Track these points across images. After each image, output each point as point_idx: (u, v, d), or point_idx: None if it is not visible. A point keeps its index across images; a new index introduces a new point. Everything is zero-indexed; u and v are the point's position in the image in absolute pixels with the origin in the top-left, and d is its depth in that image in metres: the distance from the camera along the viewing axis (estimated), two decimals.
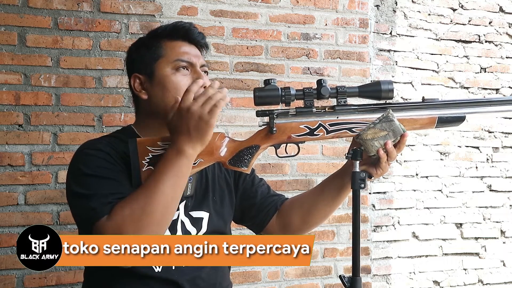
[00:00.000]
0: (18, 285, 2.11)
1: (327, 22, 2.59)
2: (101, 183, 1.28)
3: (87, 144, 1.39)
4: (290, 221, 1.56)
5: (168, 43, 1.43)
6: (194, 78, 1.39)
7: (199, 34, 1.46)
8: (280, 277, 2.50)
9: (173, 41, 1.43)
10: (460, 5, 2.96)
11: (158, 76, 1.40)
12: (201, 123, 1.22)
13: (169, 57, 1.40)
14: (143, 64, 1.43)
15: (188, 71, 1.41)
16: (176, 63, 1.40)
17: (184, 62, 1.40)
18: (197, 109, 1.22)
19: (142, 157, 1.30)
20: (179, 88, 1.37)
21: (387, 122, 1.33)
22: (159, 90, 1.40)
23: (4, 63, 2.13)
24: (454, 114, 1.36)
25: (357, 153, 1.35)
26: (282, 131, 1.35)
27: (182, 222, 1.42)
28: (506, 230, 3.00)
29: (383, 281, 2.77)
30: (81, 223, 1.33)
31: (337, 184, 1.49)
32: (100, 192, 1.26)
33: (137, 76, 1.43)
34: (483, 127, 2.98)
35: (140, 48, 1.46)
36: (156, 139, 1.33)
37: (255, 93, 1.32)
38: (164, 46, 1.42)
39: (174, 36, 1.43)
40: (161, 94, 1.39)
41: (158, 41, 1.43)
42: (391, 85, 1.33)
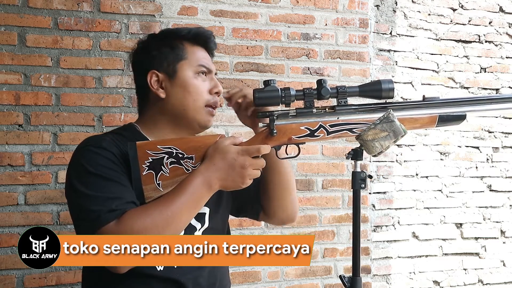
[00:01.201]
0: (18, 285, 2.11)
1: (327, 22, 2.59)
2: (104, 184, 1.27)
3: (91, 141, 1.37)
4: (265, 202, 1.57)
5: (190, 47, 1.45)
6: (211, 84, 1.44)
7: (215, 44, 1.51)
8: (280, 277, 2.50)
9: (194, 45, 1.46)
10: (460, 5, 2.96)
11: (180, 77, 1.42)
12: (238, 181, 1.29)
13: (192, 61, 1.43)
14: (165, 63, 1.43)
15: (206, 77, 1.44)
16: (198, 67, 1.43)
17: (205, 68, 1.44)
18: (249, 170, 1.28)
19: (142, 161, 1.30)
20: (199, 92, 1.41)
21: (387, 122, 1.33)
22: (179, 91, 1.41)
23: (4, 63, 2.13)
24: (455, 112, 1.36)
25: (358, 153, 1.35)
26: (283, 133, 1.35)
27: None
28: (506, 230, 3.00)
29: (383, 281, 2.77)
30: (79, 222, 1.32)
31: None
32: (103, 195, 1.25)
33: (155, 73, 1.42)
34: (483, 127, 2.98)
35: (162, 46, 1.45)
36: (156, 142, 1.33)
37: (255, 95, 1.33)
38: (187, 49, 1.44)
39: (196, 41, 1.46)
40: (181, 95, 1.41)
41: (181, 42, 1.45)
42: (391, 84, 1.33)
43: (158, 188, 1.31)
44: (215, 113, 1.45)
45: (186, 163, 1.32)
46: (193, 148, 1.33)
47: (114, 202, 1.24)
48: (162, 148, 1.31)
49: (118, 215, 1.23)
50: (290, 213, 1.60)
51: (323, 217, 2.57)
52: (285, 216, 1.60)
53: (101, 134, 1.44)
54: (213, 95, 1.43)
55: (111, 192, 1.26)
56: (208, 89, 1.43)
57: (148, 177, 1.29)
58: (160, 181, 1.31)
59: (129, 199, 1.27)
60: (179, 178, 1.32)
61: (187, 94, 1.41)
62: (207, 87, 1.43)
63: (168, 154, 1.31)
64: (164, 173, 1.31)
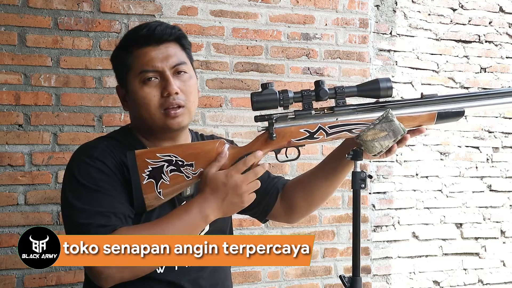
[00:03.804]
0: (18, 285, 2.11)
1: (327, 22, 2.59)
2: (95, 197, 1.26)
3: (83, 150, 1.36)
4: (294, 203, 1.55)
5: (135, 51, 1.36)
6: (161, 87, 1.34)
7: (164, 30, 1.36)
8: (280, 277, 2.50)
9: (140, 48, 1.36)
10: (460, 5, 2.96)
11: (130, 91, 1.38)
12: (237, 202, 1.27)
13: (136, 69, 1.35)
14: (119, 78, 1.43)
15: (157, 79, 1.35)
16: (141, 75, 1.35)
17: (149, 73, 1.34)
18: (243, 188, 1.26)
19: (141, 170, 1.29)
20: (147, 101, 1.34)
21: (387, 122, 1.33)
22: (133, 104, 1.38)
23: (4, 63, 2.13)
24: (453, 109, 1.35)
25: (358, 153, 1.35)
26: (282, 136, 1.34)
27: None
28: (506, 230, 3.00)
29: (383, 281, 2.77)
30: (68, 232, 1.32)
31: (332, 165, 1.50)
32: (93, 208, 1.25)
33: (119, 89, 1.44)
34: (483, 127, 2.98)
35: (114, 60, 1.44)
36: (155, 150, 1.32)
37: (253, 98, 1.30)
38: (131, 56, 1.37)
39: (139, 43, 1.36)
40: (136, 108, 1.38)
41: (127, 51, 1.38)
42: (389, 83, 1.32)
43: (159, 196, 1.30)
44: (180, 112, 1.35)
45: (186, 170, 1.31)
46: (192, 155, 1.32)
47: (103, 218, 1.24)
48: (161, 156, 1.30)
49: (107, 232, 1.22)
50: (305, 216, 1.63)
51: (323, 217, 2.57)
52: (300, 218, 1.62)
53: (96, 140, 1.42)
54: (166, 97, 1.34)
55: (101, 205, 1.25)
56: (158, 93, 1.34)
57: (148, 186, 1.29)
58: (161, 190, 1.30)
59: (119, 212, 1.26)
60: (179, 185, 1.32)
61: (138, 106, 1.36)
62: (157, 92, 1.34)
63: (167, 162, 1.30)
64: (165, 181, 1.30)
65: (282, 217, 1.60)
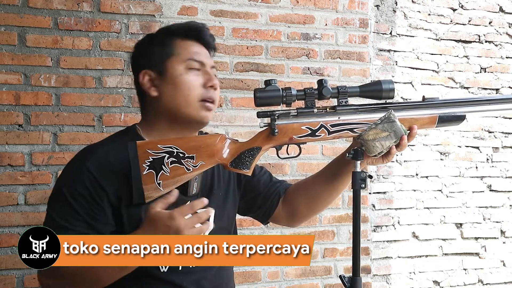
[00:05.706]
0: (18, 285, 2.11)
1: (327, 22, 2.59)
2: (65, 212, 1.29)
3: (81, 157, 1.37)
4: (296, 208, 1.56)
5: (180, 42, 1.42)
6: (205, 78, 1.40)
7: (210, 36, 1.47)
8: (280, 277, 2.50)
9: (185, 40, 1.43)
10: (460, 5, 2.96)
11: (170, 74, 1.39)
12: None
13: (182, 56, 1.40)
14: (154, 61, 1.42)
15: (199, 71, 1.40)
16: (188, 62, 1.39)
17: (196, 62, 1.40)
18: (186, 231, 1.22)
19: (142, 161, 1.29)
20: (191, 87, 1.38)
21: (388, 123, 1.33)
22: (170, 88, 1.39)
23: (4, 63, 2.13)
24: (455, 113, 1.36)
25: (358, 153, 1.35)
26: (284, 133, 1.35)
27: None
28: (506, 230, 3.00)
29: (383, 281, 2.77)
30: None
31: (336, 171, 1.50)
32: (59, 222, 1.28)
33: (147, 72, 1.42)
34: (483, 127, 2.98)
35: (152, 44, 1.45)
36: (157, 141, 1.32)
37: (256, 94, 1.32)
38: (176, 45, 1.41)
39: (187, 36, 1.43)
40: (173, 92, 1.39)
41: (171, 39, 1.43)
42: (391, 85, 1.34)
43: (159, 187, 1.30)
44: (213, 108, 1.41)
45: (187, 163, 1.31)
46: (194, 147, 1.32)
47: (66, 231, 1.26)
48: (162, 148, 1.30)
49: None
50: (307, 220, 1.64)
51: (323, 217, 2.57)
52: (302, 222, 1.64)
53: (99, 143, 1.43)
54: (207, 89, 1.39)
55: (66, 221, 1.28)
56: (201, 83, 1.39)
57: (148, 176, 1.29)
58: (160, 181, 1.30)
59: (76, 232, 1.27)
60: (179, 177, 1.31)
61: (178, 90, 1.38)
62: (200, 81, 1.39)
63: (169, 154, 1.30)
64: (165, 172, 1.30)
65: (284, 221, 1.61)
